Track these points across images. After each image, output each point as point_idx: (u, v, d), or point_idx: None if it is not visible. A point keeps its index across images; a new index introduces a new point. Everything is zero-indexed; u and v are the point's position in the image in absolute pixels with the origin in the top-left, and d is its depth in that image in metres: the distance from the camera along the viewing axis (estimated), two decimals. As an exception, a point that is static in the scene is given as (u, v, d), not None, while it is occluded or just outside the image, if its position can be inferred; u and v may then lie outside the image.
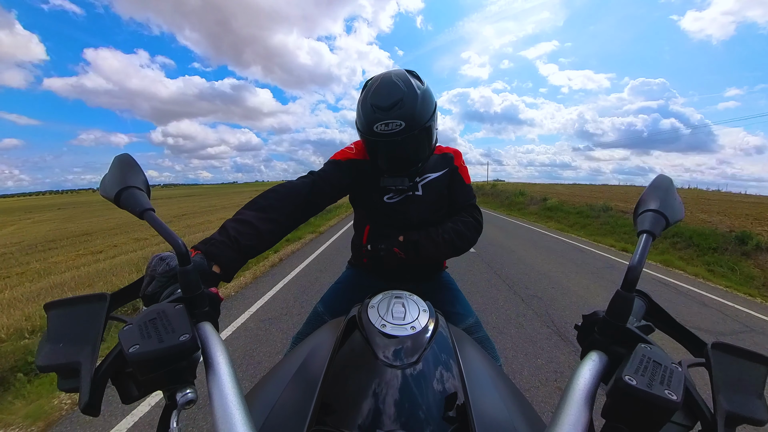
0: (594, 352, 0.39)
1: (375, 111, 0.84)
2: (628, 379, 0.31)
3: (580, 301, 3.69)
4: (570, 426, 0.31)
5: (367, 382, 0.44)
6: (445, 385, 0.46)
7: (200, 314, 0.43)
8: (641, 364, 0.33)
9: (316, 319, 1.03)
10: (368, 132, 0.87)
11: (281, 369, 0.57)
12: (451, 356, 0.51)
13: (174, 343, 0.35)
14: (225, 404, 0.33)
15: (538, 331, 2.88)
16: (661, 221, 0.42)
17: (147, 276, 0.50)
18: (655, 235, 0.41)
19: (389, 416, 0.40)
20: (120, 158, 0.50)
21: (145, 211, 0.44)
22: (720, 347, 0.36)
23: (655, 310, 0.49)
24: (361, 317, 0.57)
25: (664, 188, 0.46)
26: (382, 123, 0.84)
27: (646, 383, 0.31)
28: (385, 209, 1.00)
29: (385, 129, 0.83)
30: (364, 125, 0.88)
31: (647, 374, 0.32)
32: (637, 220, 0.44)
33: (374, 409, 0.41)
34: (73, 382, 0.34)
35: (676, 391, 0.30)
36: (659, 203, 0.44)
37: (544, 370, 2.29)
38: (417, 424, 0.39)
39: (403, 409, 0.41)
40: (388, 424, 0.39)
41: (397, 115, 0.82)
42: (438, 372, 0.47)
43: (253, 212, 0.73)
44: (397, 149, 0.89)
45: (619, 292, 0.38)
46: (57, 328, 0.37)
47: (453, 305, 1.06)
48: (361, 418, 0.40)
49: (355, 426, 0.39)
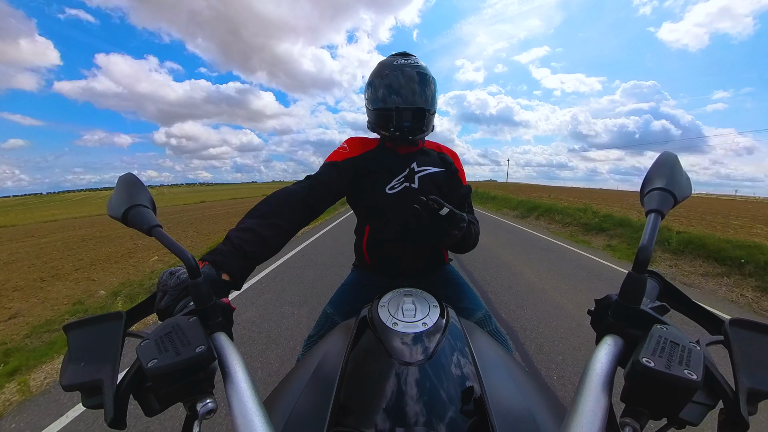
0: (609, 336, 0.39)
1: (395, 57, 1.03)
2: (645, 362, 0.30)
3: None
4: (590, 412, 0.31)
5: (383, 381, 0.45)
6: (460, 379, 0.46)
7: (214, 325, 0.44)
8: (658, 345, 0.32)
9: (327, 321, 1.04)
10: (389, 67, 1.00)
11: (297, 373, 0.58)
12: (464, 350, 0.51)
13: (191, 355, 0.35)
14: (244, 412, 0.33)
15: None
16: (669, 199, 0.41)
17: (159, 291, 0.51)
18: (663, 214, 0.40)
19: (407, 414, 0.40)
20: (124, 178, 0.51)
21: (153, 228, 0.45)
22: (738, 323, 0.35)
23: (668, 290, 0.48)
24: (372, 317, 0.57)
25: (670, 165, 0.45)
26: (402, 58, 1.01)
27: (665, 364, 0.30)
28: (385, 201, 0.99)
29: (405, 61, 1.00)
30: (384, 66, 1.01)
31: (665, 355, 0.31)
32: (644, 200, 0.43)
33: (391, 408, 0.41)
34: (97, 400, 0.35)
35: (696, 371, 0.30)
36: (666, 181, 0.43)
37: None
38: (435, 419, 0.39)
39: (419, 405, 0.41)
40: (406, 422, 0.39)
41: (416, 60, 1.01)
42: (452, 366, 0.47)
43: (255, 219, 0.75)
44: (416, 83, 0.98)
45: (631, 274, 0.38)
46: (77, 348, 0.38)
47: (461, 300, 1.05)
48: (379, 417, 0.40)
49: (373, 425, 0.39)
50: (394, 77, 0.98)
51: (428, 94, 1.00)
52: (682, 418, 0.32)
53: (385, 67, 1.01)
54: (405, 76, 0.98)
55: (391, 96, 0.99)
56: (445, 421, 0.39)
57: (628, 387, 0.32)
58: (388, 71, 1.00)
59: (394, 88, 0.99)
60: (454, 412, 0.41)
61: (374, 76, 1.03)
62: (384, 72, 1.00)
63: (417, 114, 0.95)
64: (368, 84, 1.06)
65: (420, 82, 0.98)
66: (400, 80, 0.98)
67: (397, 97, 0.98)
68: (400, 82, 0.98)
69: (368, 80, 1.07)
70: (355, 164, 1.01)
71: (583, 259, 5.48)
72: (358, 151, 1.03)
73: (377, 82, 1.02)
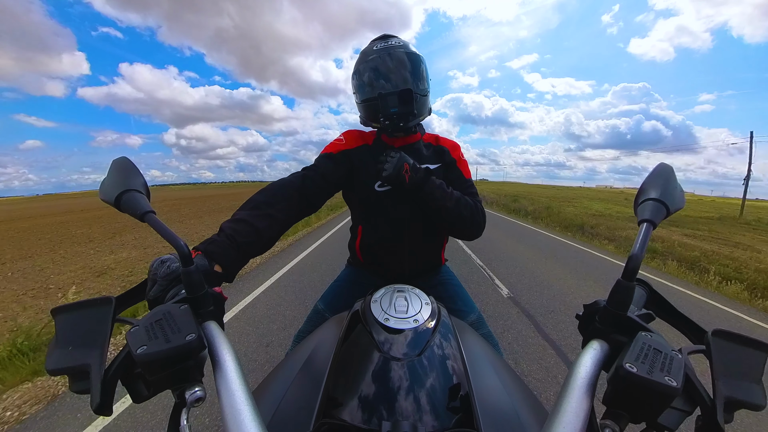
0: (595, 341, 0.40)
1: (374, 42, 0.95)
2: (628, 367, 0.31)
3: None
4: (572, 413, 0.32)
5: (372, 375, 0.45)
6: (448, 377, 0.46)
7: (205, 314, 0.44)
8: (642, 351, 0.33)
9: (317, 316, 1.02)
10: (369, 53, 0.92)
11: (286, 365, 0.58)
12: (454, 348, 0.52)
13: (180, 342, 0.35)
14: (233, 401, 0.33)
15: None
16: (661, 210, 0.42)
17: (149, 279, 0.50)
18: (655, 224, 0.40)
19: (394, 408, 0.40)
20: (118, 162, 0.50)
21: (145, 214, 0.44)
22: (720, 334, 0.36)
23: (655, 299, 0.49)
24: (364, 312, 0.57)
25: (665, 176, 0.46)
26: (381, 42, 0.93)
27: (647, 370, 0.31)
28: (376, 198, 0.95)
29: (383, 44, 0.92)
30: (364, 54, 0.94)
31: (648, 361, 0.32)
32: (637, 210, 0.44)
33: (380, 401, 0.41)
34: (83, 384, 0.35)
35: (676, 378, 0.31)
36: (660, 192, 0.43)
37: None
38: (421, 414, 0.40)
39: (407, 400, 0.41)
40: (394, 416, 0.39)
41: (397, 41, 0.93)
42: (441, 364, 0.48)
43: (248, 211, 0.74)
44: (397, 64, 0.90)
45: (620, 281, 0.38)
46: (65, 332, 0.37)
47: (454, 301, 1.03)
48: (367, 410, 0.41)
49: (361, 418, 0.40)
50: (373, 63, 0.90)
51: (413, 73, 0.90)
52: (660, 423, 0.33)
53: (365, 55, 0.93)
54: (384, 59, 0.89)
55: (373, 83, 0.91)
56: (431, 415, 0.40)
57: (611, 390, 0.33)
58: (368, 58, 0.91)
59: (376, 74, 0.90)
60: (440, 408, 0.41)
61: (356, 67, 0.96)
62: (364, 60, 0.92)
63: (403, 97, 0.86)
64: (352, 77, 0.98)
65: (401, 62, 0.89)
66: (380, 65, 0.89)
67: (379, 83, 0.90)
68: (381, 67, 0.89)
69: (352, 72, 0.98)
70: (348, 157, 0.96)
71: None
72: (353, 144, 0.99)
73: (359, 72, 0.94)
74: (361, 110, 0.99)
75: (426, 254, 1.04)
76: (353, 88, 0.99)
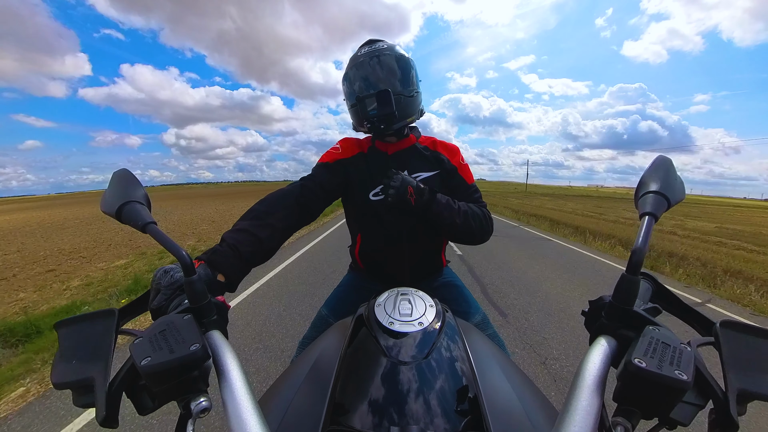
0: (602, 337, 0.39)
1: (360, 48, 0.96)
2: (637, 362, 0.31)
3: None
4: (582, 411, 0.31)
5: (379, 380, 0.45)
6: (456, 379, 0.46)
7: (209, 323, 0.44)
8: (650, 346, 0.33)
9: (321, 322, 1.02)
10: (353, 60, 0.94)
11: (292, 373, 0.58)
12: (460, 349, 0.51)
13: (185, 353, 0.35)
14: (239, 411, 0.33)
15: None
16: (662, 203, 0.42)
17: (153, 289, 0.50)
18: (657, 217, 0.40)
19: (402, 412, 0.40)
20: (119, 174, 0.50)
21: (147, 225, 0.44)
22: (728, 325, 0.36)
23: (661, 292, 0.49)
24: (368, 316, 0.57)
25: (664, 169, 0.45)
26: (365, 47, 0.95)
27: (656, 365, 0.31)
28: (372, 207, 0.94)
29: (366, 50, 0.93)
30: (350, 61, 0.95)
31: (657, 356, 0.32)
32: (638, 203, 0.43)
33: (387, 407, 0.41)
34: (88, 398, 0.34)
35: (686, 371, 0.30)
36: (660, 184, 0.43)
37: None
38: (430, 418, 0.39)
39: (415, 404, 0.41)
40: (402, 421, 0.39)
41: (381, 44, 0.94)
42: (448, 366, 0.47)
43: (249, 221, 0.74)
44: (377, 67, 0.90)
45: (624, 276, 0.38)
46: (69, 345, 0.37)
47: (458, 303, 1.03)
48: (375, 415, 0.40)
49: (369, 424, 0.39)
50: (357, 68, 0.92)
51: (395, 75, 0.90)
52: (673, 418, 0.32)
53: (351, 61, 0.95)
54: (366, 63, 0.90)
55: (357, 88, 0.92)
56: (440, 419, 0.39)
57: (620, 387, 0.33)
58: (352, 63, 0.94)
59: (358, 78, 0.92)
60: (449, 411, 0.41)
61: (344, 73, 0.97)
62: (350, 65, 0.94)
63: (381, 98, 0.84)
64: (341, 83, 1.00)
65: (383, 64, 0.90)
66: (361, 69, 0.91)
67: (361, 86, 0.91)
68: (363, 71, 0.91)
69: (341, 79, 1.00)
70: (344, 167, 0.97)
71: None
72: (349, 153, 0.99)
73: (346, 77, 0.96)
74: (351, 116, 1.00)
75: (426, 259, 1.04)
76: (344, 95, 1.00)
